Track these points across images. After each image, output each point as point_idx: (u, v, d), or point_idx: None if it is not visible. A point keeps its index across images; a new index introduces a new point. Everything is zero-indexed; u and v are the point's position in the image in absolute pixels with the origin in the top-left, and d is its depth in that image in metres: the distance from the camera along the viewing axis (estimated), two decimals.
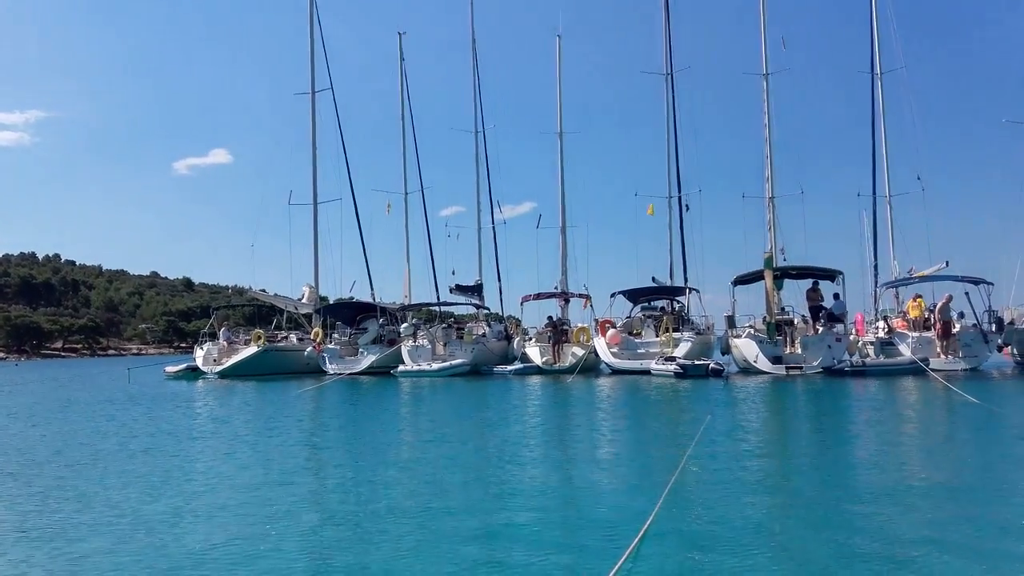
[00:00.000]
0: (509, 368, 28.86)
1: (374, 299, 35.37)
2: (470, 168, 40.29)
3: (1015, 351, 25.85)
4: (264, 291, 41.93)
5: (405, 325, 31.80)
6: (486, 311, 36.69)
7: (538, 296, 32.29)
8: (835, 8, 69.65)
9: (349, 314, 34.34)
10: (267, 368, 31.47)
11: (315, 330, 32.55)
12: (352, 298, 37.03)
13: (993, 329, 24.07)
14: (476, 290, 36.52)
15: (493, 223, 39.33)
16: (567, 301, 33.76)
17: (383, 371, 29.60)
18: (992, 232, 57.94)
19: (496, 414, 15.47)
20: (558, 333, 29.19)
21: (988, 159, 63.25)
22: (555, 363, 28.24)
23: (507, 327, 34.16)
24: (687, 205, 34.15)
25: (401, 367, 29.16)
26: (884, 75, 32.80)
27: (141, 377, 33.96)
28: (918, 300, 25.00)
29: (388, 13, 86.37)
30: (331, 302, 37.64)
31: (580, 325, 29.94)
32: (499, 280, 38.67)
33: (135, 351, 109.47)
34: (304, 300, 36.90)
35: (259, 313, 41.42)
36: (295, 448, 11.15)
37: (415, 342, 30.44)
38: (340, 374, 29.24)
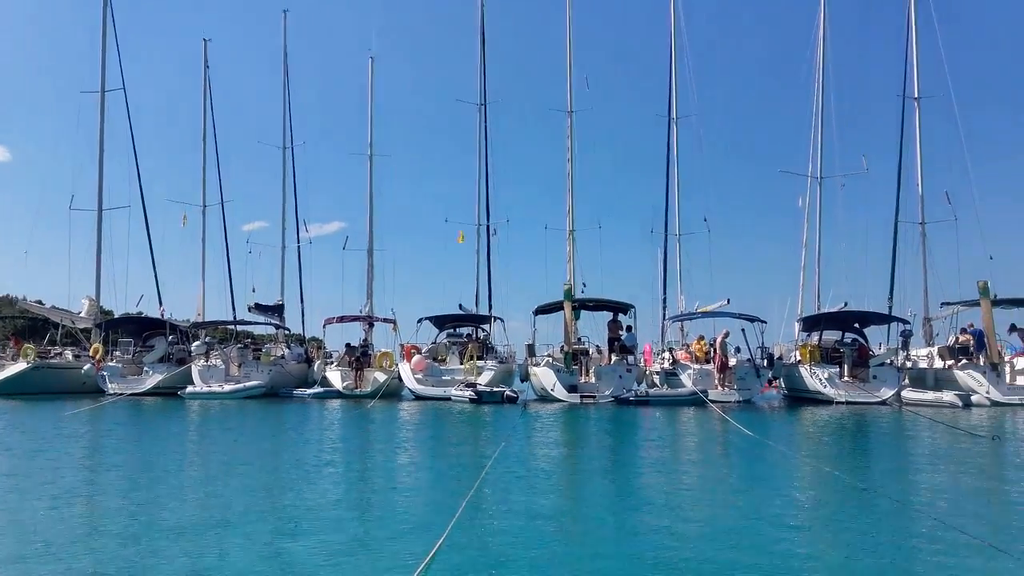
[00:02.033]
0: (308, 392, 28.06)
1: (163, 315, 33.30)
2: (277, 183, 39.16)
3: (782, 384, 28.29)
4: (40, 302, 38.44)
5: (197, 344, 30.13)
6: (286, 332, 35.56)
7: (342, 319, 31.72)
8: (639, 56, 74.35)
9: (134, 330, 32.09)
10: (37, 387, 28.68)
11: (94, 346, 30.14)
12: (140, 313, 34.72)
13: (765, 364, 26.25)
14: (277, 310, 35.32)
15: (298, 241, 38.40)
16: (372, 325, 33.38)
17: (170, 392, 27.81)
18: (768, 273, 63.42)
19: (289, 438, 14.96)
20: (360, 358, 28.77)
21: (769, 204, 69.18)
22: (356, 388, 27.79)
23: (308, 349, 33.27)
24: (494, 230, 35.00)
25: (190, 388, 27.54)
26: (679, 120, 35.32)
27: None
28: (701, 342, 26.85)
29: (196, 18, 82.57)
30: (115, 316, 35.05)
31: (383, 350, 29.70)
32: (302, 301, 37.75)
33: None
34: (83, 314, 34.12)
35: (32, 327, 37.88)
36: (60, 472, 10.18)
37: (207, 362, 28.92)
38: (121, 394, 27.17)
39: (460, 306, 31.98)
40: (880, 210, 34.45)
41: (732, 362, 25.45)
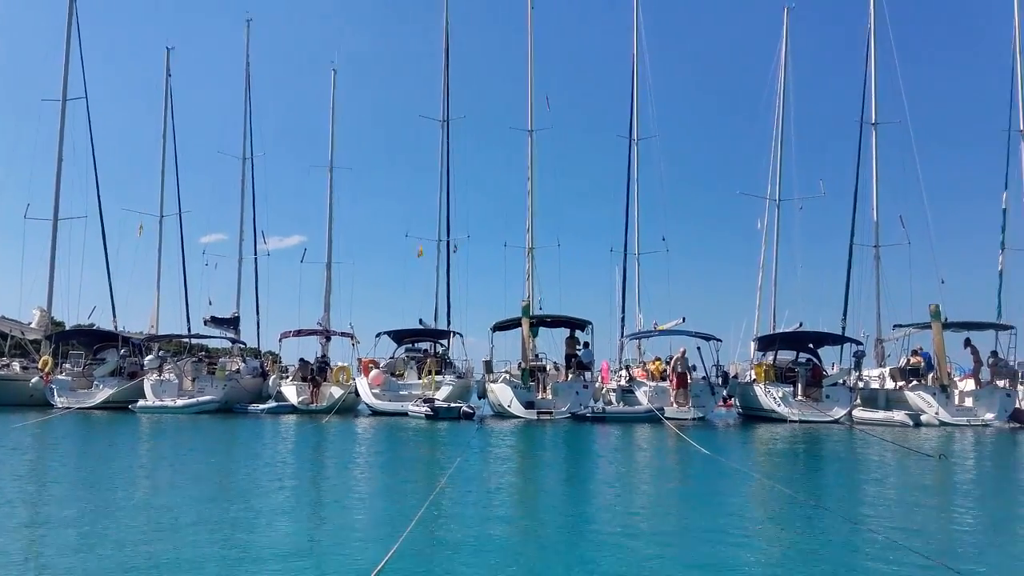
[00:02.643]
0: (263, 407, 27.67)
1: (116, 327, 32.65)
2: (236, 195, 38.75)
3: (737, 403, 28.60)
4: None
5: (150, 357, 29.58)
6: (242, 346, 35.08)
7: (299, 333, 31.38)
8: (601, 76, 75.16)
9: (86, 342, 31.42)
10: None
11: (44, 358, 29.42)
12: (92, 325, 34.00)
13: (720, 382, 26.52)
14: (232, 323, 34.87)
15: (256, 254, 37.99)
16: (329, 339, 33.09)
17: (121, 406, 27.21)
18: (725, 293, 64.24)
19: (241, 452, 14.76)
20: (316, 372, 28.49)
21: (728, 225, 70.14)
22: (312, 403, 27.48)
23: (263, 364, 32.85)
24: (455, 246, 34.99)
25: (142, 402, 26.98)
26: (640, 141, 35.71)
27: None
28: (657, 362, 27.08)
29: (159, 27, 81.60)
30: (66, 328, 34.29)
31: (340, 364, 29.43)
32: (258, 314, 37.32)
33: None
34: (33, 325, 33.27)
35: None
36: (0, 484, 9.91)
37: (160, 376, 28.39)
38: (69, 408, 26.54)
39: (420, 321, 31.88)
40: (836, 233, 35.14)
41: (689, 380, 25.64)
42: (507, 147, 62.94)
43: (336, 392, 27.50)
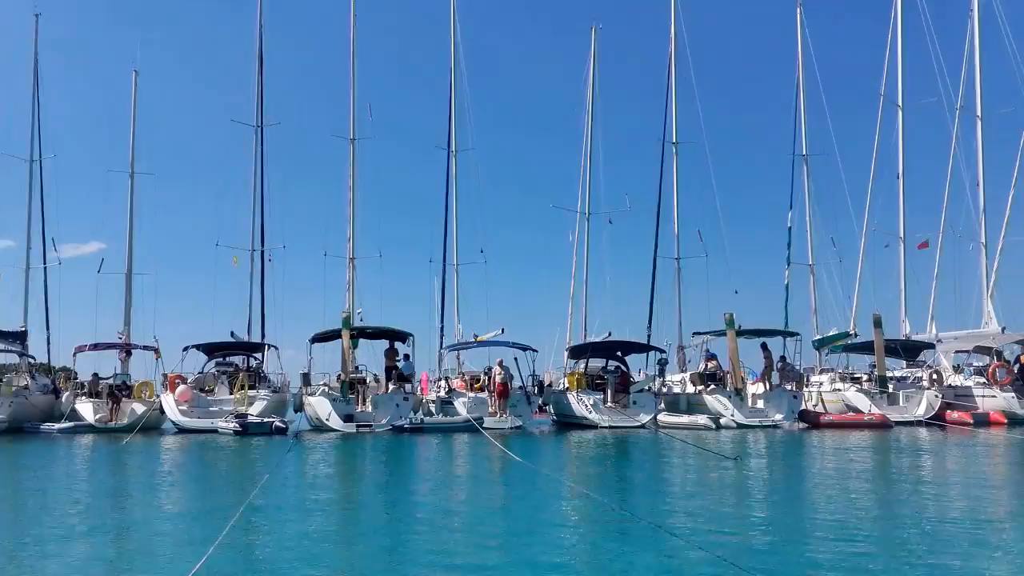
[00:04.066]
0: (56, 426, 25.58)
1: None
2: (22, 199, 35.48)
3: (552, 410, 29.48)
4: None
5: None
6: (30, 361, 32.20)
7: (96, 346, 29.26)
8: (424, 86, 75.21)
9: None
10: None
11: None
12: None
13: (536, 391, 27.25)
14: (19, 337, 31.95)
15: (45, 263, 34.99)
16: (130, 353, 31.03)
17: None
18: (542, 303, 66.22)
19: (30, 476, 13.60)
20: (116, 388, 26.64)
21: (544, 238, 72.13)
22: (112, 420, 25.67)
23: (55, 380, 30.33)
24: (269, 256, 33.88)
25: None
26: (459, 153, 36.13)
27: None
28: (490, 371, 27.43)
29: None
30: None
31: (142, 380, 27.71)
32: (48, 327, 34.41)
33: None
34: None
35: None
36: None
37: None
38: None
39: (232, 334, 30.58)
40: (643, 246, 37.09)
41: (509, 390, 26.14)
42: (329, 155, 61.43)
43: (139, 409, 25.85)
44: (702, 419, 24.96)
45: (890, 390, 26.89)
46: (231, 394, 26.07)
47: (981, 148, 34.04)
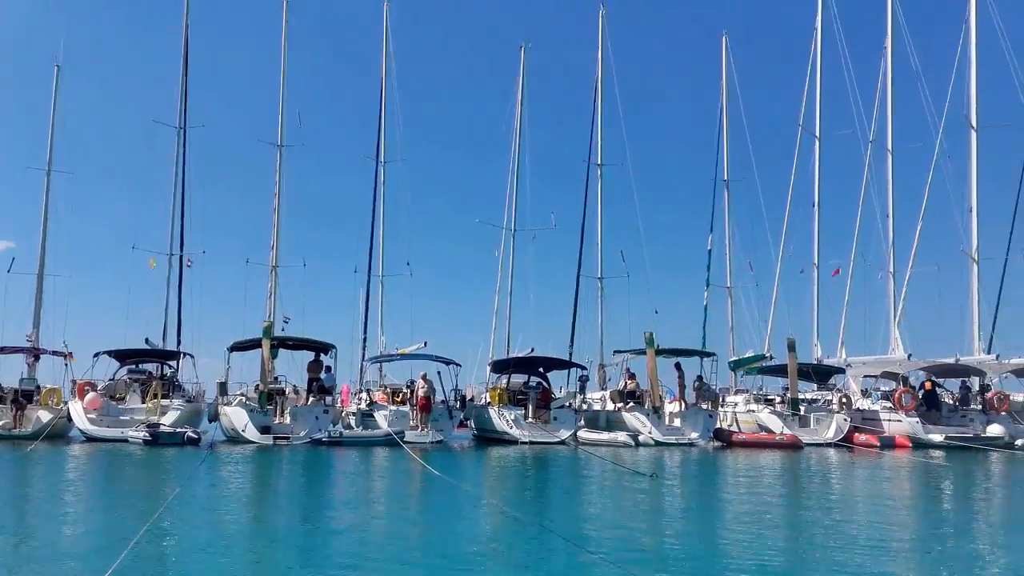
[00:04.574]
0: None
1: None
2: None
3: (473, 425, 29.47)
4: None
5: None
6: None
7: (2, 350, 27.99)
8: (354, 97, 74.72)
9: None
10: None
11: None
12: None
13: (458, 405, 27.21)
14: None
15: None
16: (37, 358, 29.79)
17: None
18: (467, 317, 66.25)
19: None
20: (20, 395, 25.55)
21: (471, 252, 72.13)
22: (16, 428, 24.60)
23: None
24: (189, 261, 32.98)
25: None
26: (387, 164, 35.95)
27: None
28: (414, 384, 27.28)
29: None
30: None
31: (49, 386, 26.64)
32: None
33: None
34: None
35: None
36: None
37: None
38: None
39: (146, 340, 29.69)
40: (567, 264, 37.47)
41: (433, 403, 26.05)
42: (254, 162, 60.33)
43: (44, 416, 24.85)
44: (621, 436, 25.28)
45: (801, 412, 27.74)
46: (143, 403, 25.28)
47: (891, 181, 35.49)
